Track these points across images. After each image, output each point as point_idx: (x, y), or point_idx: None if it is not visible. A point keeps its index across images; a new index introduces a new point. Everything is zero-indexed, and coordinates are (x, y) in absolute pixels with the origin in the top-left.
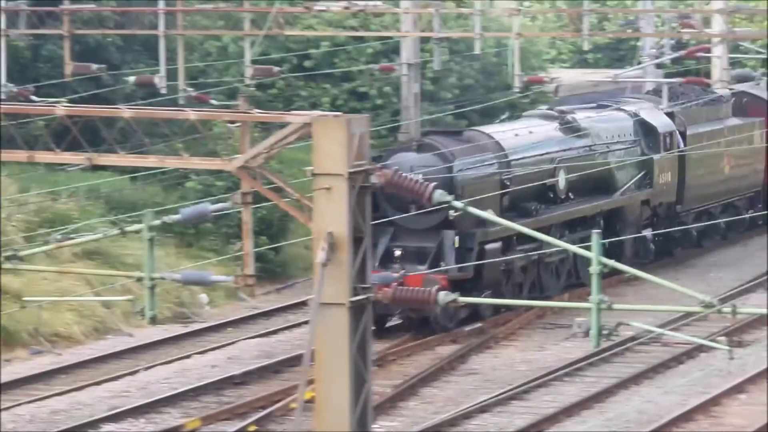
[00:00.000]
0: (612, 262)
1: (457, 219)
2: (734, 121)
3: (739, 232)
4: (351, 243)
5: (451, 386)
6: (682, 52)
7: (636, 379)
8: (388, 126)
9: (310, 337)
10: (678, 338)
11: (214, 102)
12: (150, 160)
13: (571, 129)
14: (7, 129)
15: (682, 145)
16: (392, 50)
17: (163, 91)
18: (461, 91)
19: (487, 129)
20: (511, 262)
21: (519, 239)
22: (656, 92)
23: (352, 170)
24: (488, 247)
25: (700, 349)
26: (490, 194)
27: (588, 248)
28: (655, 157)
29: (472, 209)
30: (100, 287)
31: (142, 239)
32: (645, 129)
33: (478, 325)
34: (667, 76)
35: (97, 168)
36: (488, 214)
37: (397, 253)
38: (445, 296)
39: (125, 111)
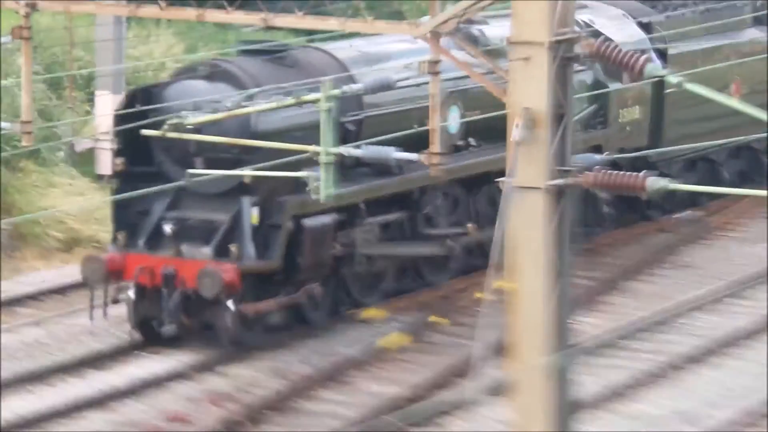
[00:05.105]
0: None
1: (255, 184)
2: (753, 33)
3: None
4: (551, 120)
5: (657, 279)
6: None
7: None
8: None
9: (501, 223)
10: None
11: None
12: (330, 23)
13: (477, 47)
14: None
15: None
16: None
17: None
18: None
19: (331, 46)
20: (351, 243)
21: (372, 208)
22: None
23: (554, 39)
24: (308, 223)
25: None
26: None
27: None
28: (612, 86)
29: (691, 85)
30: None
31: (320, 110)
32: None
33: (691, 212)
34: None
35: (270, 28)
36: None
37: (167, 228)
38: (654, 182)
39: None
